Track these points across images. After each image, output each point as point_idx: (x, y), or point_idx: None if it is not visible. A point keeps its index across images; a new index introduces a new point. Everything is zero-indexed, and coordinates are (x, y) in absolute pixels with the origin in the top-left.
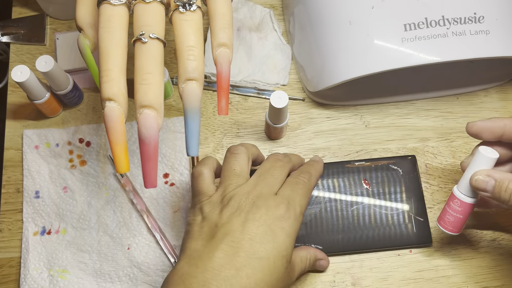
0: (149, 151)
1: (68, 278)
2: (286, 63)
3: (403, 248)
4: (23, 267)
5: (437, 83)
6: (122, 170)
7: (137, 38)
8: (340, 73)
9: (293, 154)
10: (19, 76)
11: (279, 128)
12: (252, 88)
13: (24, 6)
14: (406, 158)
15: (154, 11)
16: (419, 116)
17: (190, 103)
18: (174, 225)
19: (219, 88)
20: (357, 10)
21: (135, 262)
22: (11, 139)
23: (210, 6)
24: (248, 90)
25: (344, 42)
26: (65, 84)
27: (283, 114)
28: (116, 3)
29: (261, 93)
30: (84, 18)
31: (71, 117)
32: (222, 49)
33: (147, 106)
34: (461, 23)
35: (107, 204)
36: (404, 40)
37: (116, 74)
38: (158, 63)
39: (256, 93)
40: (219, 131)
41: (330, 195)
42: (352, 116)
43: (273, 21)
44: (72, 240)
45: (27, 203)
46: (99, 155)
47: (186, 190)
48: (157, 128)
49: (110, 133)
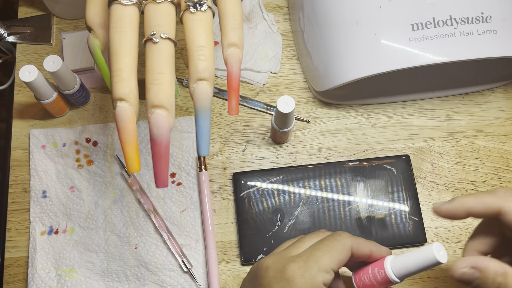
0: (160, 150)
1: (76, 278)
2: (277, 51)
3: (399, 247)
4: (31, 267)
5: (443, 83)
6: (134, 170)
7: (148, 38)
8: (347, 73)
9: None
10: (27, 76)
11: (285, 133)
12: (262, 103)
13: (31, 6)
14: (400, 158)
15: (165, 11)
16: (425, 116)
17: (201, 103)
18: (181, 224)
19: (229, 88)
20: (364, 10)
21: (142, 261)
22: (18, 138)
23: (220, 6)
24: (257, 104)
25: (352, 42)
26: (72, 83)
27: (290, 119)
28: (127, 3)
29: (270, 109)
30: (94, 18)
31: (78, 116)
32: (232, 49)
33: (158, 106)
34: (469, 23)
35: (114, 204)
36: (411, 40)
37: (128, 74)
38: (169, 63)
39: (265, 108)
40: (225, 131)
41: (323, 195)
42: (358, 116)
43: (262, 10)
44: (80, 239)
45: (34, 202)
46: (106, 154)
47: (193, 189)
48: (169, 128)
49: (121, 133)
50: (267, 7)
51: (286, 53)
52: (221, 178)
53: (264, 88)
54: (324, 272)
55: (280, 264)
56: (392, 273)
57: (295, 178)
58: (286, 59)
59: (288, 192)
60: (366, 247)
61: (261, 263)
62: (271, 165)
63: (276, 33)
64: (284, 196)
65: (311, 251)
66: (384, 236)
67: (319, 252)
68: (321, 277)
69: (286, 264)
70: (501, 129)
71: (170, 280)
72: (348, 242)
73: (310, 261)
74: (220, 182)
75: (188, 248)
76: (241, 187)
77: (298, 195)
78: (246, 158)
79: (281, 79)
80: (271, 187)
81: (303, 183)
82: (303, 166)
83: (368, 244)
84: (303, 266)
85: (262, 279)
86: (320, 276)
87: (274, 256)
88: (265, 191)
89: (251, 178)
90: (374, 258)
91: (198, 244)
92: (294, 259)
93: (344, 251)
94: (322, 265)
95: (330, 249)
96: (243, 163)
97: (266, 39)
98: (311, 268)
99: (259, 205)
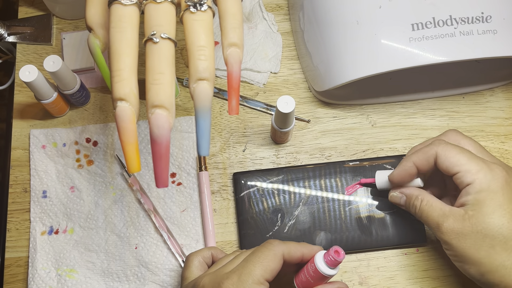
0: (160, 150)
1: (76, 278)
2: (277, 51)
3: (399, 247)
4: (31, 267)
5: (443, 83)
6: (134, 170)
7: (149, 38)
8: (347, 73)
9: None
10: (27, 76)
11: (285, 133)
12: (262, 103)
13: (31, 6)
14: (400, 157)
15: (165, 11)
16: (425, 116)
17: (202, 103)
18: (181, 224)
19: (229, 88)
20: (364, 10)
21: (142, 261)
22: (18, 138)
23: (221, 6)
24: (257, 104)
25: (352, 41)
26: (72, 83)
27: (290, 118)
28: (127, 3)
29: (270, 109)
30: (94, 18)
31: (78, 116)
32: (232, 49)
33: (158, 106)
34: (469, 23)
35: (115, 204)
36: (411, 40)
37: (128, 74)
38: (170, 63)
39: (265, 108)
40: (225, 131)
41: (323, 195)
42: (358, 116)
43: (262, 10)
44: (80, 239)
45: (34, 202)
46: (106, 154)
47: (193, 189)
48: (169, 127)
49: (121, 133)
50: (267, 7)
51: (286, 53)
52: (221, 178)
53: (264, 88)
54: (258, 284)
55: (215, 282)
56: (322, 266)
57: (295, 178)
58: (286, 59)
59: (288, 192)
60: (297, 251)
61: (197, 283)
62: (271, 165)
63: (276, 33)
64: (284, 196)
65: (244, 264)
66: (384, 236)
67: (251, 264)
68: None
69: (220, 282)
70: (501, 129)
71: (171, 280)
72: (279, 250)
73: (243, 274)
74: (220, 182)
75: (188, 248)
76: (241, 187)
77: (298, 195)
78: (246, 158)
79: (281, 79)
80: (271, 187)
81: (303, 183)
82: (303, 166)
83: (299, 248)
84: (237, 281)
85: None
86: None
87: (210, 275)
88: (265, 191)
89: (251, 178)
90: (307, 259)
91: (198, 244)
92: (228, 275)
93: (275, 260)
94: (255, 277)
95: (261, 260)
96: (243, 163)
97: (266, 39)
98: (245, 282)
99: (259, 205)
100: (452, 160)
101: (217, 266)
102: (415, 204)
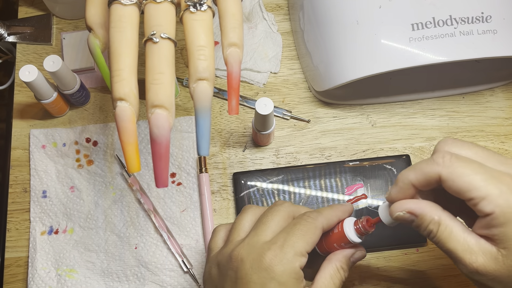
0: (160, 150)
1: (76, 278)
2: (277, 51)
3: (399, 248)
4: (31, 267)
5: (443, 82)
6: (134, 170)
7: (148, 38)
8: (347, 73)
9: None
10: (27, 76)
11: (266, 135)
12: None
13: (31, 5)
14: (400, 157)
15: (165, 11)
16: (425, 116)
17: (201, 103)
18: (181, 224)
19: (229, 88)
20: (364, 10)
21: (142, 261)
22: (18, 138)
23: (220, 6)
24: None
25: (352, 41)
26: (72, 83)
27: (269, 121)
28: (127, 3)
29: (245, 101)
30: (94, 18)
31: (78, 116)
32: (232, 49)
33: (158, 106)
34: (469, 23)
35: (114, 204)
36: (411, 40)
37: (128, 74)
38: (169, 63)
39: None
40: (225, 131)
41: (323, 195)
42: (358, 116)
43: (262, 10)
44: (80, 239)
45: (34, 202)
46: (106, 154)
47: (193, 189)
48: (169, 127)
49: (121, 133)
50: (267, 7)
51: (286, 53)
52: (221, 178)
53: (264, 88)
54: (300, 255)
55: (256, 253)
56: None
57: (295, 178)
58: (286, 59)
59: (288, 192)
60: (334, 218)
61: (234, 255)
62: (271, 165)
63: (276, 33)
64: (284, 196)
65: (285, 236)
66: (384, 236)
67: (294, 237)
68: (297, 261)
69: (262, 253)
70: (501, 129)
71: (170, 280)
72: (319, 223)
73: (285, 247)
74: (220, 182)
75: (188, 248)
76: (241, 187)
77: (298, 195)
78: (246, 158)
79: (281, 79)
80: (271, 187)
81: (303, 183)
82: (303, 166)
83: (334, 214)
84: (280, 253)
85: (239, 271)
86: (297, 260)
87: (246, 246)
88: (265, 191)
89: (251, 178)
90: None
91: (198, 244)
92: (269, 246)
93: (316, 232)
94: (297, 249)
95: (303, 233)
96: (243, 163)
97: (266, 39)
98: (287, 253)
99: (260, 205)
100: (462, 184)
101: (238, 230)
102: (430, 230)
